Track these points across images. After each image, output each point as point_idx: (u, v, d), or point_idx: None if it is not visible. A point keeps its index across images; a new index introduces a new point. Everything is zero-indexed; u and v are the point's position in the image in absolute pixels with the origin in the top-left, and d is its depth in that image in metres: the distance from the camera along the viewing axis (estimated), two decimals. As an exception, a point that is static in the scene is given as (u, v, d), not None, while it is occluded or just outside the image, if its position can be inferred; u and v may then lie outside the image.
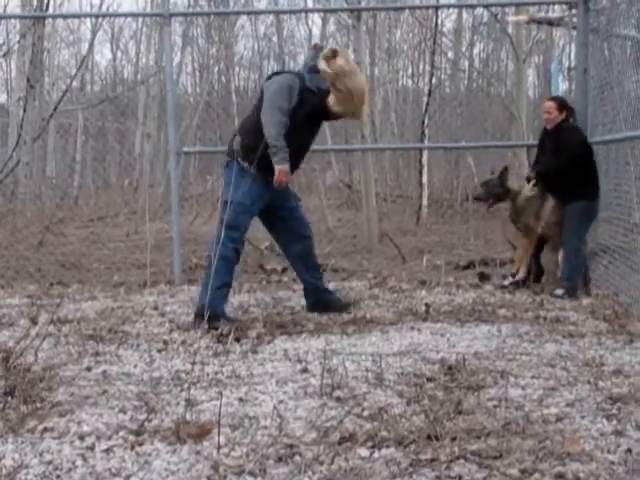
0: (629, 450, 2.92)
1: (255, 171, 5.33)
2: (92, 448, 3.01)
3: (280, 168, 5.29)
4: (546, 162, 6.66)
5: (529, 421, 3.24)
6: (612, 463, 2.81)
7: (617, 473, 2.72)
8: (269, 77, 5.55)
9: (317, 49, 5.67)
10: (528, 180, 6.76)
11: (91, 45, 19.82)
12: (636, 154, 5.64)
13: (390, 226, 12.19)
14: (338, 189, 18.37)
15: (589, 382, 3.85)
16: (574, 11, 7.24)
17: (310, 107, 5.38)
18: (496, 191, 6.80)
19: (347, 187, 17.20)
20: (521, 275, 6.81)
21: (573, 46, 17.05)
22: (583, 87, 7.06)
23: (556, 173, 6.53)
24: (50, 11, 14.35)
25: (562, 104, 6.74)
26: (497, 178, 6.92)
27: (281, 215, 5.69)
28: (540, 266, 6.93)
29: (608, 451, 2.93)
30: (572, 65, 12.59)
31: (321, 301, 5.85)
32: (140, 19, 23.60)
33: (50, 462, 2.87)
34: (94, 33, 19.78)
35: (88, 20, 22.68)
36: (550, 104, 6.75)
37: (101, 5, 22.59)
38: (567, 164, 6.45)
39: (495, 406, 3.45)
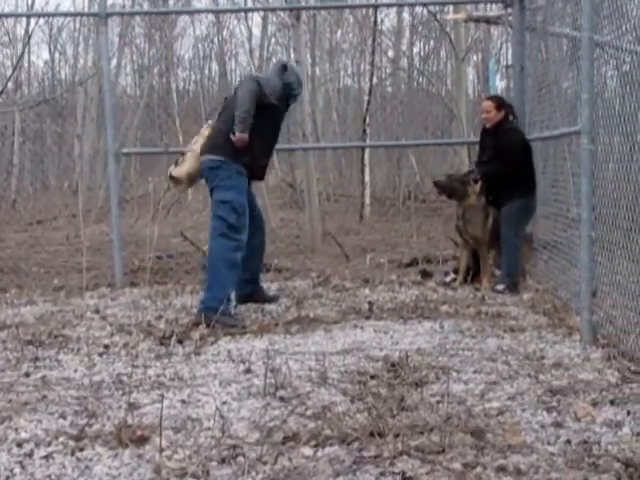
0: (568, 441, 2.97)
1: (244, 170, 5.57)
2: (31, 455, 2.95)
3: (244, 137, 5.46)
4: (488, 165, 6.73)
5: (471, 415, 3.28)
6: (552, 454, 2.85)
7: (557, 464, 2.76)
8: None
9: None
10: (475, 181, 6.83)
11: (26, 45, 19.44)
12: (573, 150, 5.70)
13: (333, 225, 12.22)
14: (281, 189, 18.34)
15: (530, 375, 3.91)
16: (510, 10, 7.34)
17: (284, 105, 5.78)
18: (455, 185, 6.87)
19: (290, 187, 17.21)
20: (460, 280, 6.88)
21: (510, 44, 17.32)
22: (520, 85, 7.16)
23: (497, 176, 6.62)
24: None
25: (500, 102, 6.82)
26: (462, 175, 7.07)
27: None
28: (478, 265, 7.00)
29: (548, 443, 2.97)
30: (509, 63, 12.75)
31: (256, 293, 6.10)
32: (78, 19, 23.24)
33: (-13, 471, 2.81)
34: (28, 33, 19.42)
35: (24, 20, 22.17)
36: (488, 104, 6.82)
37: (33, 4, 22.06)
38: (508, 167, 6.54)
39: (438, 401, 3.48)
